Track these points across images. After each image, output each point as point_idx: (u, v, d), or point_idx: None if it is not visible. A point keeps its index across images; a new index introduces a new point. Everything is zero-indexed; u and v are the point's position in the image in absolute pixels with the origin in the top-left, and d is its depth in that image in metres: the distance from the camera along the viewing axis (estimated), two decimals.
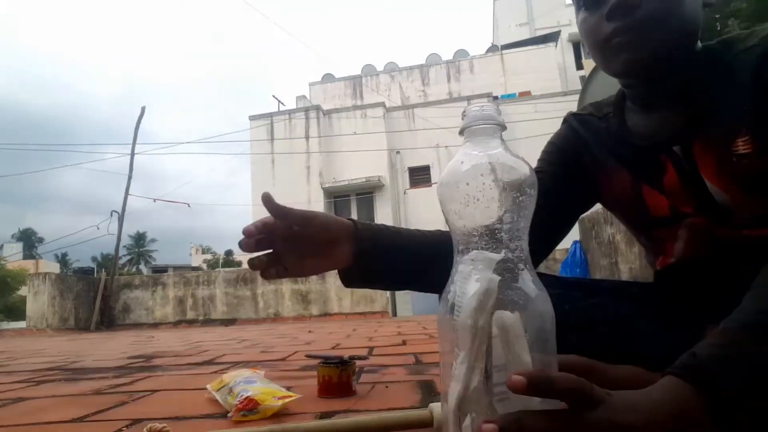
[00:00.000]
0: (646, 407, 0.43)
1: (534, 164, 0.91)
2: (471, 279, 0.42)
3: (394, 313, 10.45)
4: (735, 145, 0.64)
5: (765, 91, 0.62)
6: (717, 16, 8.38)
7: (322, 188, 15.85)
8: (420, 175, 16.14)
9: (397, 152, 16.36)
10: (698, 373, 0.45)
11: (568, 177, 0.84)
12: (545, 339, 0.42)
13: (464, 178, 0.45)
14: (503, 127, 0.48)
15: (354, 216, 13.21)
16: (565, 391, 0.39)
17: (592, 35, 0.71)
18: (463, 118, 0.49)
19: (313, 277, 9.86)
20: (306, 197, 15.83)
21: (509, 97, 17.06)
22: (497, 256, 0.43)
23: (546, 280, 0.86)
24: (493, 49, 21.89)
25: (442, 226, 0.60)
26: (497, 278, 0.41)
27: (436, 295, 0.51)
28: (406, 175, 16.45)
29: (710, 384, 0.44)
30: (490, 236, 0.44)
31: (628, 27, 0.66)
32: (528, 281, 0.43)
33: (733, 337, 0.48)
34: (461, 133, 0.49)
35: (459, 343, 0.41)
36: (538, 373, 0.39)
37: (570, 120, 0.88)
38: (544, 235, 0.82)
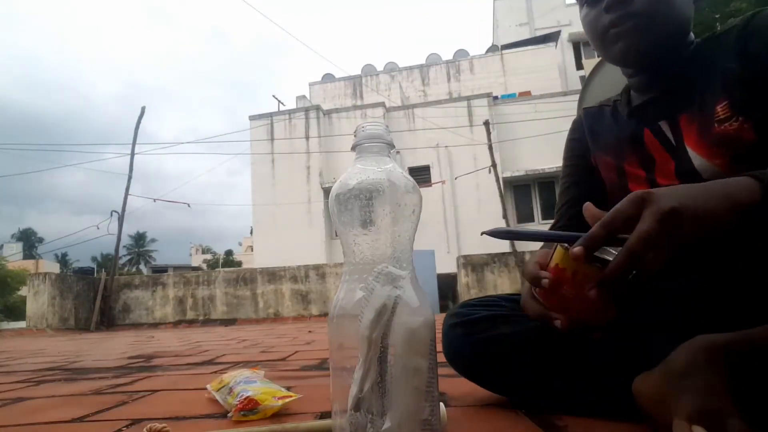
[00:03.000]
0: (693, 191, 0.52)
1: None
2: (374, 291, 0.46)
3: None
4: (716, 112, 0.71)
5: (749, 61, 0.69)
6: (717, 15, 8.38)
7: (322, 188, 15.84)
8: (420, 175, 16.15)
9: (397, 152, 16.37)
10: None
11: (589, 165, 0.93)
12: (427, 344, 0.47)
13: (353, 192, 0.48)
14: (391, 146, 0.53)
15: None
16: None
17: (592, 27, 0.79)
18: (355, 136, 0.53)
19: (313, 277, 9.87)
20: (306, 197, 15.83)
21: (509, 97, 17.04)
22: (400, 273, 0.47)
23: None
24: (493, 49, 21.87)
25: (442, 226, 0.62)
26: (395, 294, 0.45)
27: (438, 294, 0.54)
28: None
29: None
30: (378, 248, 0.48)
31: (624, 17, 0.74)
32: (411, 292, 0.47)
33: None
34: (353, 149, 0.53)
35: (359, 350, 0.45)
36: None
37: (581, 114, 0.97)
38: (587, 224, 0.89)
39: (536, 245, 0.92)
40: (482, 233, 0.60)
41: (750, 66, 0.68)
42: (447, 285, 10.92)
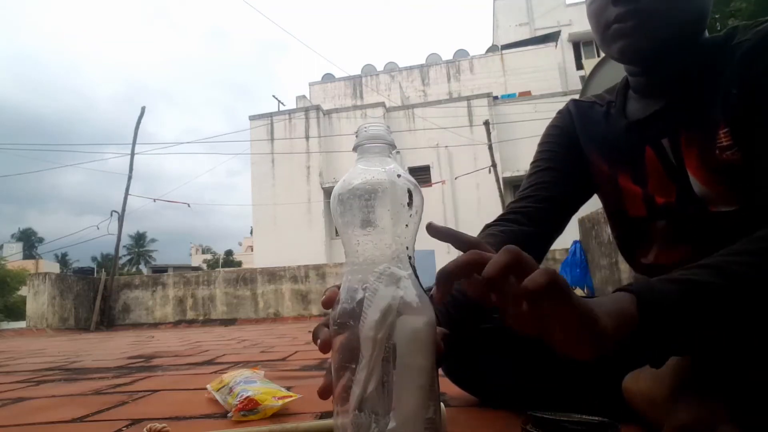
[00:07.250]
0: (598, 301, 0.48)
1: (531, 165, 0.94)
2: (377, 292, 0.45)
3: None
4: (718, 137, 0.66)
5: (748, 88, 0.63)
6: (717, 16, 8.37)
7: (322, 188, 15.84)
8: (420, 175, 16.15)
9: (397, 152, 16.35)
10: (641, 291, 0.49)
11: (571, 157, 0.87)
12: (430, 343, 0.46)
13: (355, 192, 0.48)
14: (393, 146, 0.52)
15: None
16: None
17: (596, 18, 0.72)
18: (356, 136, 0.52)
19: (313, 277, 9.87)
20: (306, 197, 15.83)
21: (509, 97, 17.05)
22: (402, 273, 0.46)
23: None
24: (493, 49, 21.87)
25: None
26: (400, 294, 0.45)
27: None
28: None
29: (646, 299, 0.48)
30: (379, 248, 0.48)
31: (631, 13, 0.66)
32: (411, 291, 0.47)
33: (683, 283, 0.50)
34: (355, 149, 0.52)
35: (362, 350, 0.45)
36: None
37: (570, 105, 0.91)
38: (556, 212, 0.86)
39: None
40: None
41: (746, 93, 0.63)
42: None
